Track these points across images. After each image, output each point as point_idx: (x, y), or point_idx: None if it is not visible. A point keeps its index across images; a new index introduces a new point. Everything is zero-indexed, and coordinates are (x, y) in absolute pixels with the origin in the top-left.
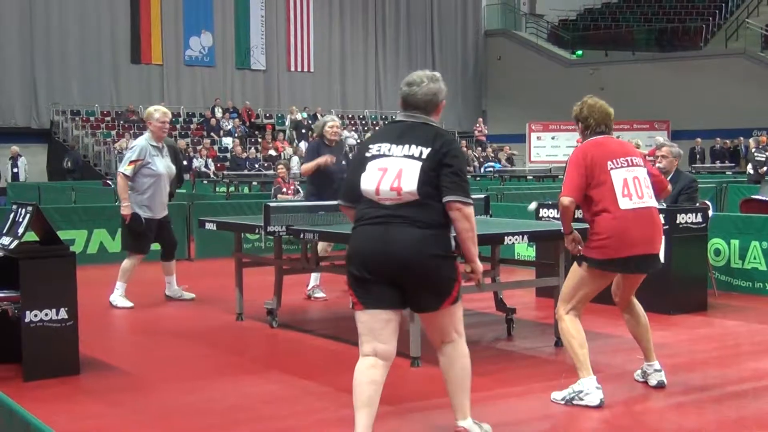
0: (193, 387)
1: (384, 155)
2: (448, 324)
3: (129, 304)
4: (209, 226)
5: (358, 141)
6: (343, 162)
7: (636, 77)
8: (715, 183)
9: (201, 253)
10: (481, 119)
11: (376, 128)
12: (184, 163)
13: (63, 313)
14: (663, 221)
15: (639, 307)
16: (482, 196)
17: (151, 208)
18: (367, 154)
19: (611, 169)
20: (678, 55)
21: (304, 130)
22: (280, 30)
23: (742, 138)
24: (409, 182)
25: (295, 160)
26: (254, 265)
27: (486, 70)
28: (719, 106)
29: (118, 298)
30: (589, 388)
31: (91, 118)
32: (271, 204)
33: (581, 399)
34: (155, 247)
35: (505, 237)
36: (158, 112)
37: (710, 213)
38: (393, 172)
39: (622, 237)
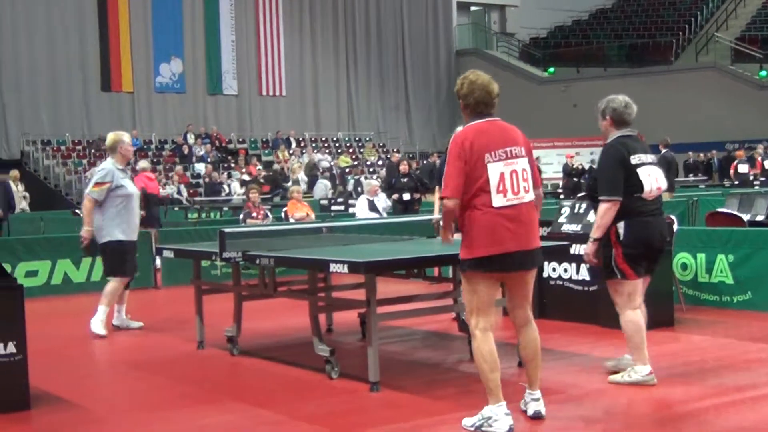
0: (147, 419)
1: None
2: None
3: (102, 332)
4: (167, 253)
5: (332, 163)
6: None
7: (608, 93)
8: (685, 197)
9: (167, 281)
10: None
11: (349, 148)
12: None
13: (11, 348)
14: None
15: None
16: None
17: (125, 231)
18: (633, 162)
19: (488, 162)
20: (649, 70)
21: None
22: (251, 55)
23: (714, 151)
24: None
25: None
26: (214, 292)
27: None
28: (691, 119)
29: (97, 322)
30: (497, 415)
31: (62, 148)
32: (227, 230)
33: (490, 426)
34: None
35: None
36: (127, 135)
37: (675, 227)
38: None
39: (494, 234)
